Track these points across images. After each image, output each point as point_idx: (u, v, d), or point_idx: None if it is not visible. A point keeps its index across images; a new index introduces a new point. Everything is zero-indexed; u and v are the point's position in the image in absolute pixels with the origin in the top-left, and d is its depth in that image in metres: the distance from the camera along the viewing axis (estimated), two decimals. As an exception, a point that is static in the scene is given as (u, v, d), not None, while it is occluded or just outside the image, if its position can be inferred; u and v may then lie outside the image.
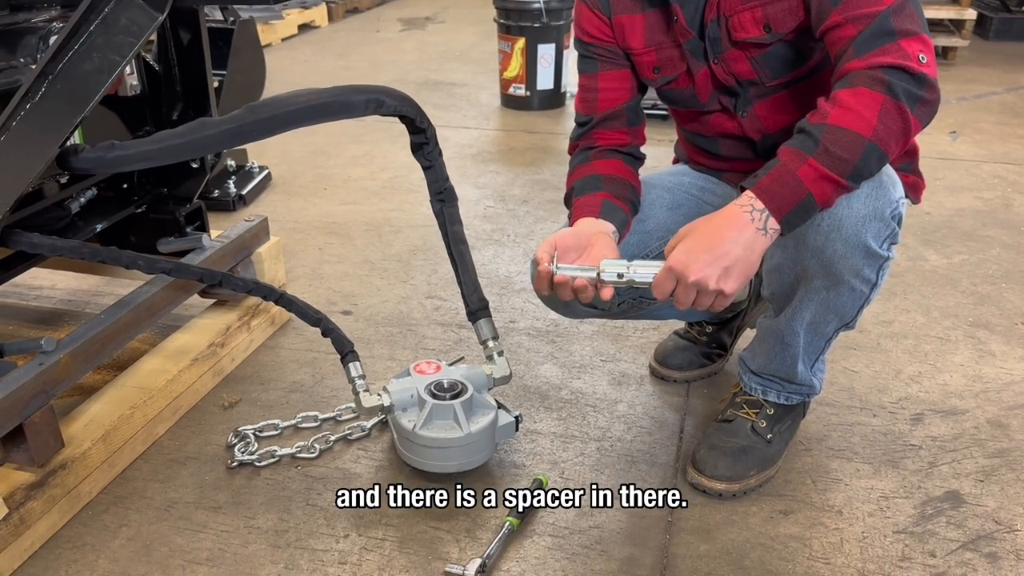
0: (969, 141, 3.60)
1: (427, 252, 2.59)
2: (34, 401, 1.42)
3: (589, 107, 1.58)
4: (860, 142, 1.18)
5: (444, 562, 1.41)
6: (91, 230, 1.79)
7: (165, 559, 1.43)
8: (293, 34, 5.88)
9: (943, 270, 2.45)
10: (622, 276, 1.27)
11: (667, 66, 1.52)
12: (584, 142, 1.59)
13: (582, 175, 1.55)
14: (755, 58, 1.43)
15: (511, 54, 4.02)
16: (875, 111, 1.17)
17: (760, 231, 1.20)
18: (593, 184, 1.52)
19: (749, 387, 1.63)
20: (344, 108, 1.43)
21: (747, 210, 1.20)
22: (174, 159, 1.41)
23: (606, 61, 1.55)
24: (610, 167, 1.55)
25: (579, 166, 1.58)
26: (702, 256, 1.19)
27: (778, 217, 1.20)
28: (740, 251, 1.19)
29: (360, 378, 1.60)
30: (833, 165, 1.18)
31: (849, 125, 1.18)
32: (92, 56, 1.32)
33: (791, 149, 1.21)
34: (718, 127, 1.58)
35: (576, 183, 1.55)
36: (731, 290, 1.20)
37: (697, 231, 1.22)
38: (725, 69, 1.47)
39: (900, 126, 1.19)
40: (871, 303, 1.43)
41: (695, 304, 1.22)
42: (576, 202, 1.51)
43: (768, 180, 1.21)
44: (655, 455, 1.68)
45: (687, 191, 1.66)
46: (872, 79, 1.19)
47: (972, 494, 1.57)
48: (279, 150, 3.48)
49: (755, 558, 1.43)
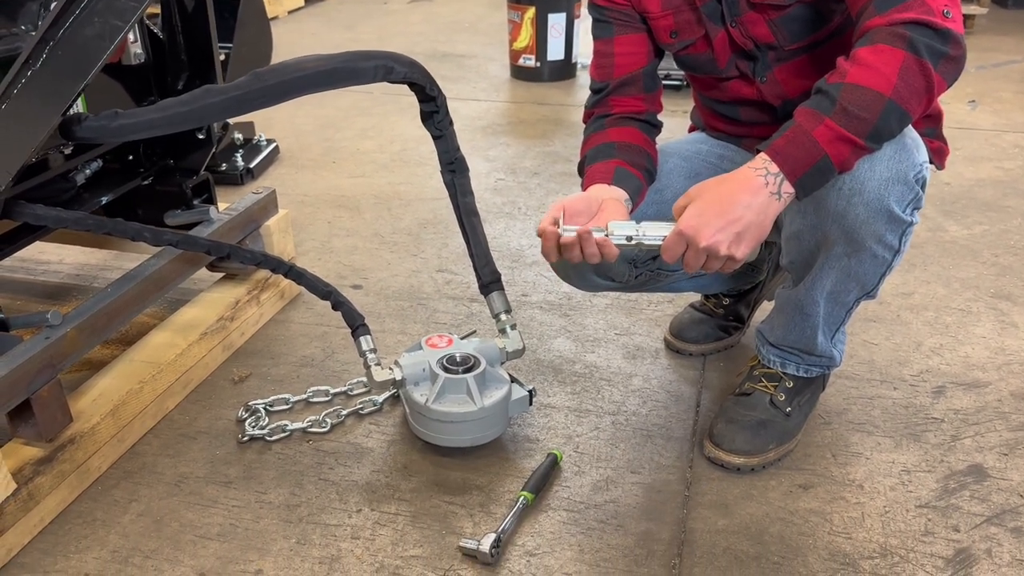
0: (988, 110, 3.53)
1: (437, 225, 2.55)
2: (41, 375, 1.40)
3: (605, 73, 1.53)
4: (879, 100, 1.13)
5: (458, 537, 1.39)
6: (97, 202, 1.77)
7: (176, 534, 1.41)
8: (300, 6, 5.82)
9: (964, 241, 2.40)
10: (631, 239, 1.24)
11: (684, 30, 1.48)
12: (599, 109, 1.55)
13: (596, 143, 1.51)
14: (773, 20, 1.39)
15: (521, 24, 3.96)
16: (895, 68, 1.13)
17: (774, 195, 1.17)
18: (606, 151, 1.48)
19: (768, 359, 1.59)
20: (352, 74, 1.40)
21: (760, 173, 1.17)
22: (179, 127, 1.38)
23: (622, 25, 1.51)
24: (625, 135, 1.51)
25: (593, 134, 1.54)
26: (713, 221, 1.16)
27: (792, 180, 1.16)
28: (752, 216, 1.16)
29: (371, 352, 1.57)
30: (850, 125, 1.14)
31: (867, 83, 1.13)
32: (93, 21, 1.29)
33: (807, 109, 1.17)
34: (737, 93, 1.53)
35: (589, 151, 1.51)
36: (742, 255, 1.18)
37: (708, 193, 1.19)
38: (743, 32, 1.42)
39: (922, 84, 1.14)
40: (893, 271, 1.39)
41: (704, 267, 1.20)
42: (589, 170, 1.48)
43: (782, 142, 1.17)
44: (671, 429, 1.65)
45: (705, 159, 1.62)
46: (893, 35, 1.14)
47: (996, 468, 1.54)
48: (287, 123, 3.44)
49: (775, 533, 1.40)
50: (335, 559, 1.36)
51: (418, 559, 1.36)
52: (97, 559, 1.37)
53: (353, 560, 1.36)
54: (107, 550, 1.38)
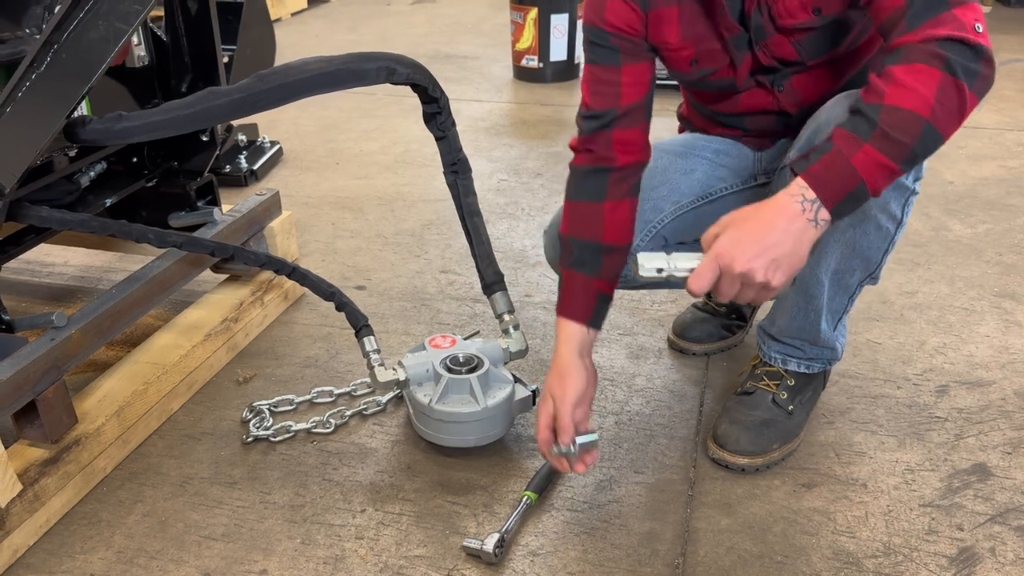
0: (992, 109, 3.52)
1: (440, 227, 2.56)
2: (46, 376, 1.41)
3: (608, 101, 1.41)
4: (918, 123, 1.10)
5: (462, 537, 1.39)
6: (101, 204, 1.77)
7: (181, 535, 1.42)
8: (303, 8, 5.82)
9: (967, 240, 2.40)
10: (661, 271, 1.18)
11: (706, 59, 1.42)
12: (598, 147, 1.42)
13: (585, 231, 1.42)
14: (799, 41, 1.36)
15: (523, 25, 3.96)
16: (933, 89, 1.09)
17: (811, 222, 1.12)
18: (593, 260, 1.41)
19: (769, 356, 1.59)
20: (355, 76, 1.40)
21: (798, 200, 1.12)
22: (183, 129, 1.38)
23: (630, 54, 1.40)
24: (618, 226, 1.43)
25: (584, 205, 1.43)
26: (750, 247, 1.11)
27: (829, 207, 1.12)
28: (790, 242, 1.12)
29: (375, 352, 1.58)
30: (889, 150, 1.10)
31: (907, 104, 1.10)
32: (98, 24, 1.29)
33: (845, 132, 1.13)
34: (750, 103, 1.50)
35: (575, 240, 1.42)
36: (778, 283, 1.13)
37: (743, 220, 1.14)
38: (768, 53, 1.39)
39: (957, 104, 1.11)
40: (895, 247, 1.39)
41: (737, 297, 1.15)
42: (570, 282, 1.42)
43: (820, 167, 1.12)
44: (674, 429, 1.65)
45: (700, 155, 1.60)
46: (929, 54, 1.10)
47: (1000, 467, 1.54)
48: (290, 125, 3.45)
49: (778, 532, 1.40)
50: (339, 559, 1.36)
51: (422, 559, 1.36)
52: (102, 560, 1.37)
53: (357, 560, 1.36)
54: (112, 551, 1.39)
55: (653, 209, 1.55)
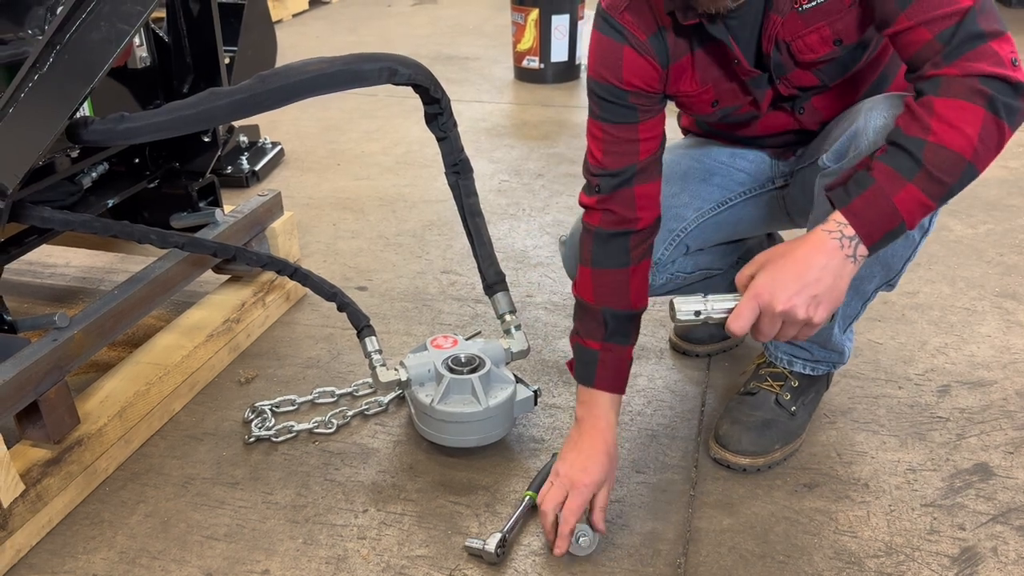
0: (993, 109, 3.52)
1: (442, 227, 2.56)
2: (48, 377, 1.41)
3: (626, 159, 1.37)
4: (961, 163, 1.09)
5: (464, 537, 1.40)
6: (103, 205, 1.77)
7: (183, 535, 1.42)
8: (304, 9, 5.83)
9: (968, 240, 2.40)
10: (699, 314, 1.16)
11: (726, 98, 1.39)
12: (619, 207, 1.38)
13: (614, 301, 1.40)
14: (820, 69, 1.35)
15: (524, 26, 3.96)
16: (977, 128, 1.08)
17: (849, 258, 1.12)
18: (627, 329, 1.41)
19: (776, 357, 1.59)
20: (356, 77, 1.40)
21: (836, 236, 1.11)
22: (185, 130, 1.38)
23: (646, 111, 1.36)
24: (641, 289, 1.42)
25: (610, 272, 1.40)
26: (791, 285, 1.10)
27: (868, 244, 1.12)
28: (830, 279, 1.11)
29: (376, 352, 1.58)
30: (931, 189, 1.10)
31: (952, 144, 1.08)
32: (100, 25, 1.30)
33: (888, 169, 1.10)
34: (769, 126, 1.48)
35: (607, 310, 1.39)
36: (820, 320, 1.12)
37: (781, 258, 1.13)
38: (788, 85, 1.37)
39: (996, 141, 1.10)
40: (917, 256, 1.38)
41: (779, 336, 1.14)
42: (606, 348, 1.40)
43: (861, 203, 1.11)
44: (676, 429, 1.65)
45: (715, 159, 1.59)
46: (971, 90, 1.08)
47: (1002, 466, 1.54)
48: (292, 126, 3.45)
49: (780, 532, 1.40)
50: (341, 559, 1.37)
51: (424, 559, 1.36)
52: (105, 560, 1.37)
53: (359, 560, 1.36)
54: (115, 551, 1.39)
55: (676, 218, 1.54)
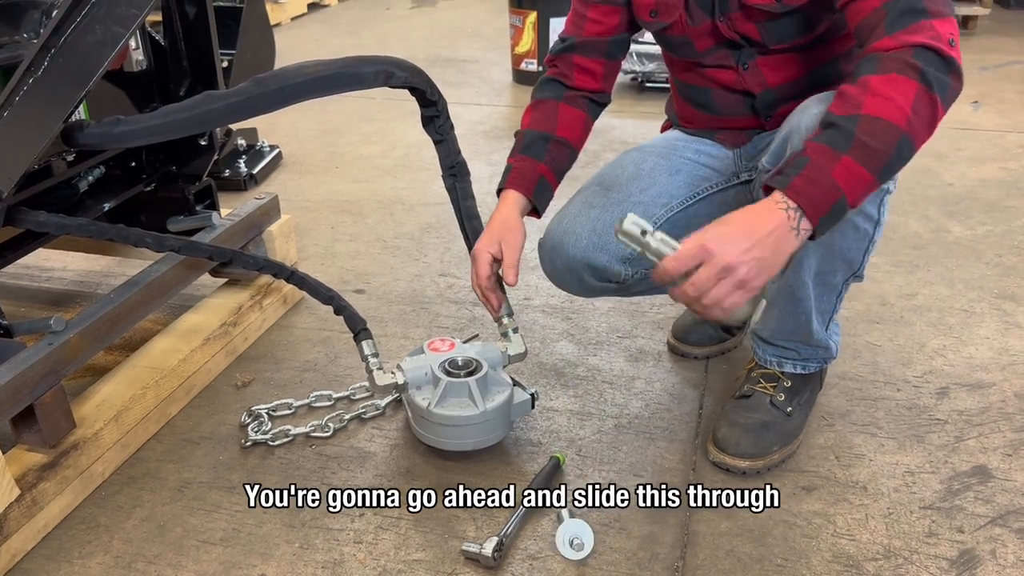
0: (992, 111, 3.52)
1: (440, 230, 2.56)
2: (44, 381, 1.41)
3: (575, 29, 1.58)
4: (895, 133, 1.11)
5: (461, 540, 1.39)
6: (99, 209, 1.77)
7: (179, 539, 1.42)
8: (302, 13, 5.84)
9: (967, 242, 2.40)
10: (644, 234, 1.15)
11: (664, 12, 1.47)
12: (561, 65, 1.60)
13: (540, 124, 1.57)
14: (762, 23, 1.39)
15: (523, 28, 3.96)
16: (909, 99, 1.11)
17: (793, 230, 1.13)
18: (540, 146, 1.54)
19: (764, 359, 1.59)
20: (353, 80, 1.40)
21: (782, 207, 1.13)
22: (181, 133, 1.38)
23: None
24: (569, 124, 1.57)
25: (544, 102, 1.59)
26: (741, 241, 1.11)
27: (814, 220, 1.13)
28: (773, 245, 1.12)
29: (373, 356, 1.58)
30: (867, 160, 1.11)
31: (884, 115, 1.11)
32: (95, 28, 1.30)
33: (821, 146, 1.13)
34: (715, 78, 1.53)
35: (529, 131, 1.57)
36: (754, 287, 1.12)
37: (733, 218, 1.15)
38: (730, 26, 1.43)
39: (929, 115, 1.13)
40: (876, 246, 1.39)
41: (705, 298, 1.12)
42: (519, 162, 1.54)
43: (801, 181, 1.12)
44: (674, 432, 1.65)
45: (682, 155, 1.62)
46: (904, 64, 1.12)
47: (1000, 469, 1.53)
48: (290, 129, 3.45)
49: (778, 535, 1.40)
50: (338, 563, 1.36)
51: (421, 563, 1.36)
52: (101, 564, 1.37)
53: (356, 564, 1.36)
54: (111, 556, 1.39)
55: (645, 213, 1.55)
